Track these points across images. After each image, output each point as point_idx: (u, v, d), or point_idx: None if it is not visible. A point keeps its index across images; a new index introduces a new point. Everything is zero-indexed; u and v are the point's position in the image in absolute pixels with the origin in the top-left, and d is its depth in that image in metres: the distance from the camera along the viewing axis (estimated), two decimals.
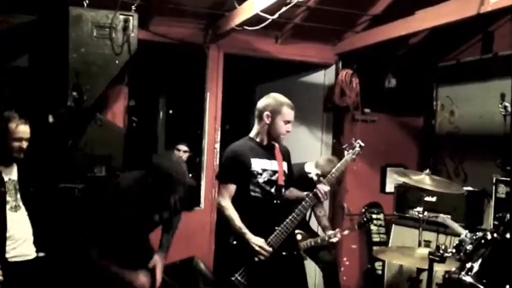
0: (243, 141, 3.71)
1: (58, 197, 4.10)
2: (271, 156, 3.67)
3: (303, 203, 3.63)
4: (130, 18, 4.26)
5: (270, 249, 3.46)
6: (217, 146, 5.39)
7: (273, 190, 3.62)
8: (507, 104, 4.84)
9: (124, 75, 4.69)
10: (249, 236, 3.45)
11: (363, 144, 3.85)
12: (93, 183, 4.19)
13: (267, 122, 3.62)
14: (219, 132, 5.42)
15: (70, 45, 4.09)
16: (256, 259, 3.45)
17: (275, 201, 3.62)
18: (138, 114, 4.81)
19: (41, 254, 3.58)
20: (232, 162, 3.61)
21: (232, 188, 3.58)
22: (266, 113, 3.61)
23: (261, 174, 3.58)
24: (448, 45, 5.81)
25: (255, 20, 4.49)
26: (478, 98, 5.35)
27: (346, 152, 3.88)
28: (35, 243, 3.53)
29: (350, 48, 5.63)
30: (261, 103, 3.68)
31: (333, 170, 3.80)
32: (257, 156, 3.61)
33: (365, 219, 4.68)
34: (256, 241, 3.45)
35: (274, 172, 3.64)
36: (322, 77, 6.08)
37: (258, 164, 3.59)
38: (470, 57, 5.59)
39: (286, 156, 3.80)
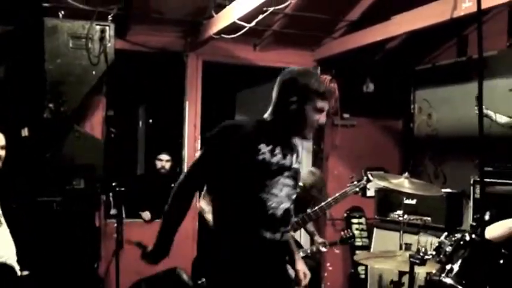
0: None
1: (36, 212, 4.05)
2: None
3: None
4: (107, 28, 4.25)
5: None
6: (198, 154, 5.35)
7: None
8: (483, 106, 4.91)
9: (102, 86, 4.66)
10: None
11: (371, 180, 3.84)
12: (71, 196, 4.16)
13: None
14: (199, 141, 5.41)
15: (46, 56, 4.07)
16: None
17: None
18: (117, 125, 4.77)
19: (25, 273, 3.52)
20: None
21: None
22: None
23: None
24: (424, 49, 5.88)
25: (233, 27, 4.50)
26: (455, 101, 5.41)
27: (349, 184, 3.88)
28: (18, 261, 3.46)
29: (328, 54, 5.67)
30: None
31: (330, 200, 3.78)
32: None
33: (348, 235, 4.66)
34: None
35: None
36: None
37: None
38: (446, 61, 5.67)
39: None
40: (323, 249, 4.62)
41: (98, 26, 4.21)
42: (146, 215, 5.38)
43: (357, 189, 3.82)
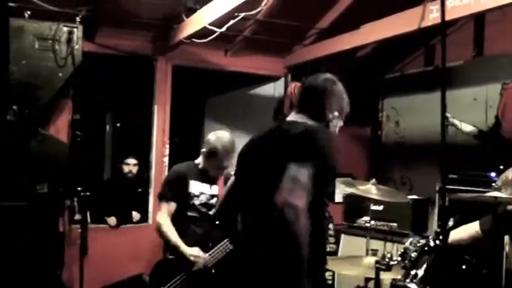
0: (187, 164, 3.85)
1: None
2: (212, 181, 3.78)
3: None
4: (75, 30, 4.18)
5: (206, 255, 3.52)
6: (166, 159, 5.32)
7: (210, 213, 3.73)
8: (449, 115, 5.00)
9: (68, 88, 4.57)
10: (184, 247, 3.53)
11: None
12: (34, 200, 4.06)
13: (204, 158, 3.73)
14: (167, 146, 5.36)
15: (11, 57, 3.97)
16: (194, 268, 3.49)
17: (212, 223, 3.68)
18: (84, 128, 4.69)
19: None
20: (172, 182, 3.76)
21: (171, 205, 3.68)
22: (203, 150, 3.73)
23: (197, 196, 3.71)
24: (393, 58, 5.97)
25: (204, 32, 4.48)
26: (422, 109, 5.49)
27: None
28: None
29: (299, 61, 5.70)
30: (207, 137, 3.77)
31: None
32: (197, 179, 3.74)
33: None
34: (191, 251, 3.52)
35: (213, 196, 3.76)
36: (272, 89, 6.12)
37: (196, 187, 3.72)
38: (414, 70, 5.76)
39: (228, 181, 3.84)
40: None
41: (65, 28, 4.15)
42: (112, 220, 5.30)
43: None
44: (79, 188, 4.23)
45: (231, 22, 4.30)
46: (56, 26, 4.10)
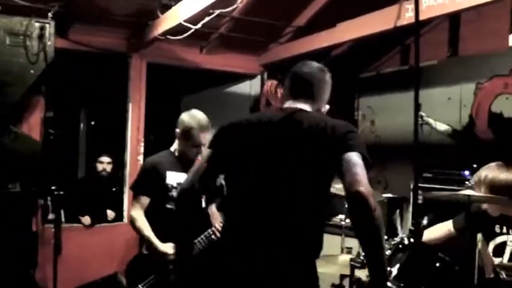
0: (162, 153, 3.69)
1: None
2: (189, 169, 3.60)
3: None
4: (47, 25, 4.11)
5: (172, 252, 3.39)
6: (141, 158, 5.26)
7: None
8: (423, 114, 5.05)
9: (40, 85, 4.49)
10: (158, 244, 3.43)
11: None
12: (7, 200, 3.98)
13: (180, 141, 3.60)
14: (142, 144, 5.31)
15: None
16: (170, 266, 3.39)
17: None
18: (57, 126, 4.61)
19: None
20: (146, 174, 3.59)
21: (145, 200, 3.55)
22: (177, 131, 3.60)
23: (175, 188, 3.53)
24: (369, 57, 6.00)
25: (179, 29, 4.44)
26: (397, 108, 5.53)
27: None
28: None
29: (275, 59, 5.69)
30: (180, 118, 3.62)
31: None
32: (173, 169, 3.57)
33: None
34: (164, 248, 3.42)
35: None
36: (248, 88, 6.12)
37: (173, 178, 3.56)
38: (390, 69, 5.80)
39: None
40: None
41: (37, 23, 4.06)
42: (86, 219, 5.23)
43: None
44: (53, 187, 4.16)
45: (207, 19, 4.27)
46: (27, 22, 4.01)
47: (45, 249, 4.56)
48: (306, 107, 2.39)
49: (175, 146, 3.68)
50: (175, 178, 3.56)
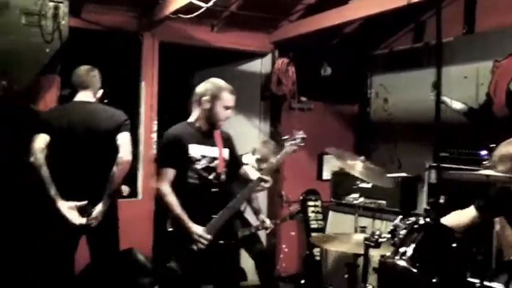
0: (181, 125, 3.64)
1: None
2: (211, 142, 3.61)
3: (244, 191, 3.62)
4: (61, 5, 4.08)
5: (209, 236, 3.43)
6: (154, 136, 5.29)
7: (211, 177, 3.57)
8: None
9: (56, 64, 4.51)
10: (189, 224, 3.40)
11: (305, 136, 3.85)
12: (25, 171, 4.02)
13: (206, 107, 3.56)
14: (155, 122, 5.33)
15: None
16: (194, 247, 3.41)
17: (213, 189, 3.57)
18: None
19: None
20: (170, 147, 3.54)
21: (171, 172, 3.49)
22: (205, 98, 3.56)
23: (199, 160, 3.52)
24: (381, 35, 5.94)
25: (190, 7, 4.43)
26: (411, 86, 5.50)
27: (286, 143, 3.86)
28: None
29: (285, 37, 5.66)
30: (199, 88, 3.63)
31: (272, 161, 3.79)
32: (196, 142, 3.54)
33: (297, 210, 4.65)
34: (196, 229, 3.41)
35: (214, 159, 3.58)
36: (259, 66, 6.09)
37: (196, 150, 3.53)
38: (403, 46, 5.74)
39: (227, 142, 3.75)
40: (267, 225, 4.50)
41: (51, 3, 4.03)
42: (125, 189, 5.25)
43: (295, 147, 3.83)
44: None
45: None
46: (41, 1, 3.99)
47: None
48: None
49: (195, 117, 3.64)
50: (198, 150, 3.54)
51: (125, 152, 3.71)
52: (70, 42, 4.15)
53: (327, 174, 5.86)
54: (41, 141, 3.59)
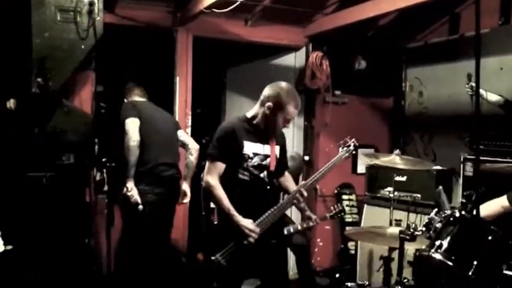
0: (238, 120, 3.53)
1: (25, 187, 4.01)
2: (264, 140, 3.51)
3: (290, 197, 3.54)
4: (96, 1, 4.14)
5: (258, 230, 3.35)
6: (189, 130, 5.34)
7: (262, 175, 3.50)
8: (473, 84, 4.92)
9: (91, 60, 4.60)
10: (238, 218, 3.33)
11: (357, 144, 3.78)
12: (61, 171, 4.12)
13: (267, 112, 3.43)
14: (189, 117, 5.38)
15: (33, 29, 3.96)
16: (245, 242, 3.34)
17: (264, 187, 3.51)
18: (107, 100, 4.72)
19: (9, 247, 3.50)
20: (224, 141, 3.44)
21: (222, 166, 3.42)
22: (269, 104, 3.41)
23: (251, 158, 3.45)
24: (416, 27, 5.86)
25: (224, 2, 4.45)
26: (446, 79, 5.42)
27: (340, 150, 3.81)
28: (2, 236, 3.44)
29: (319, 31, 5.63)
30: (268, 90, 3.47)
31: (323, 170, 3.71)
32: (250, 139, 3.46)
33: (338, 210, 4.63)
34: (246, 223, 3.34)
35: (266, 157, 3.50)
36: (293, 60, 6.08)
37: (250, 148, 3.45)
38: (438, 39, 5.65)
39: (280, 139, 3.67)
40: (312, 224, 4.51)
41: None
42: None
43: (348, 154, 3.76)
44: (104, 159, 4.28)
45: None
46: None
47: (97, 219, 4.72)
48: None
49: (254, 113, 3.52)
50: (251, 148, 3.47)
51: (193, 143, 4.71)
52: (105, 38, 4.21)
53: (361, 168, 5.82)
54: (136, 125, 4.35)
